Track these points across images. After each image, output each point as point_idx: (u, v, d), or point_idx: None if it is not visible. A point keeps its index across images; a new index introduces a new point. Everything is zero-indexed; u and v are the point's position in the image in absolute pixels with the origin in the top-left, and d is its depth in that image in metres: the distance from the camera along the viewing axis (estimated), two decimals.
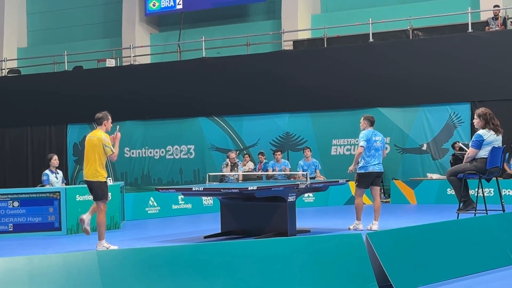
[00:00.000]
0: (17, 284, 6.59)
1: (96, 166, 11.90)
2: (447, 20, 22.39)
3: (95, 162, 11.88)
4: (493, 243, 9.16)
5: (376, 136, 13.58)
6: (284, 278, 7.38)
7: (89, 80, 25.44)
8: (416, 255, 8.16)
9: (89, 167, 11.94)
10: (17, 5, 30.75)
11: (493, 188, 16.91)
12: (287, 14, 25.43)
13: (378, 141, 13.57)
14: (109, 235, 13.15)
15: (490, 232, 9.27)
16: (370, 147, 13.43)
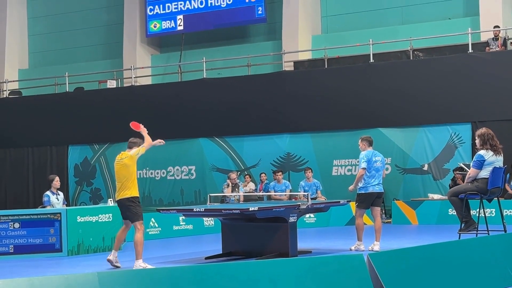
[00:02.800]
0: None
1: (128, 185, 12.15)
2: (448, 40, 22.45)
3: (127, 182, 12.16)
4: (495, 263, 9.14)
5: (376, 156, 13.60)
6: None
7: (90, 101, 25.48)
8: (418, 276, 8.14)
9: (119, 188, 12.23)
10: (18, 26, 30.85)
11: (494, 209, 16.89)
12: (288, 35, 25.50)
13: (378, 161, 13.59)
14: None
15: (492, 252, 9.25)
16: (370, 167, 13.44)
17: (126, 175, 12.19)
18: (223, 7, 26.59)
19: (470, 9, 23.51)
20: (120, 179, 12.24)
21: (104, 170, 25.20)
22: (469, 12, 23.50)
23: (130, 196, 12.07)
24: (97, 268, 12.15)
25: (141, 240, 11.95)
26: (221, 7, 26.61)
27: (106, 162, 25.10)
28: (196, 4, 27.06)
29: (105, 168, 25.15)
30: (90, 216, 14.87)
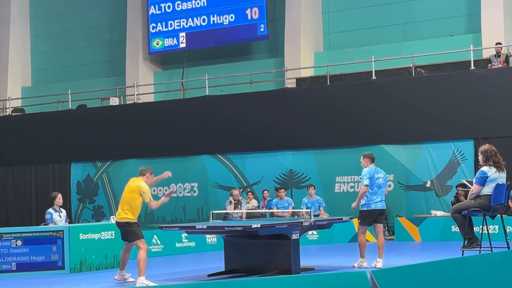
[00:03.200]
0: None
1: (125, 211, 12.42)
2: (450, 57, 22.47)
3: (127, 204, 12.37)
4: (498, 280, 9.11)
5: (378, 173, 13.60)
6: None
7: (92, 119, 25.51)
8: None
9: (121, 209, 12.36)
10: (21, 44, 30.94)
11: (497, 225, 16.83)
12: (290, 52, 25.55)
13: (381, 178, 13.59)
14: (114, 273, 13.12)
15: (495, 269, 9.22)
16: (372, 184, 13.44)
17: (129, 201, 12.40)
18: (225, 24, 26.66)
19: (472, 26, 23.56)
20: (124, 201, 12.46)
21: (106, 187, 25.19)
22: (471, 29, 23.55)
23: (127, 220, 12.26)
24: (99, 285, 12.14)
25: (144, 257, 12.03)
26: (224, 24, 26.69)
27: (109, 179, 25.10)
28: (198, 21, 27.14)
29: (108, 185, 25.14)
30: (93, 233, 14.86)
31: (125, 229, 12.35)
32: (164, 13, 27.73)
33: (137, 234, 12.28)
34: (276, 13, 26.46)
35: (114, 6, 29.52)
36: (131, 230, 12.27)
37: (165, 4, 27.72)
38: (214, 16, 26.86)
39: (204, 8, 27.05)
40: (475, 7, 23.38)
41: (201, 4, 27.10)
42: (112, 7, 29.61)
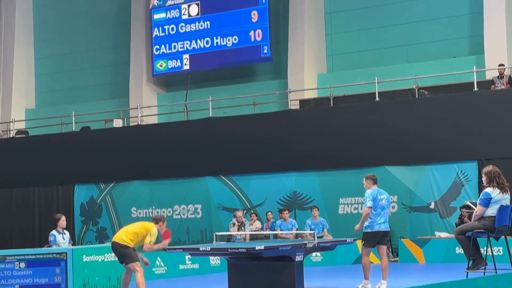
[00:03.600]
0: None
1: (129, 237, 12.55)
2: (453, 79, 22.50)
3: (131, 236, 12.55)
4: None
5: (381, 194, 13.58)
6: None
7: (96, 140, 25.53)
8: None
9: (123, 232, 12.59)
10: (26, 66, 31.04)
11: (502, 247, 16.79)
12: (293, 73, 25.60)
13: (384, 199, 13.57)
14: None
15: None
16: (376, 205, 13.42)
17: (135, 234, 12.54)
18: (228, 46, 26.74)
19: (475, 47, 23.61)
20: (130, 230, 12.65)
21: (110, 209, 25.17)
22: (474, 51, 23.59)
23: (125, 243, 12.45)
24: None
25: (142, 281, 12.19)
26: (227, 46, 26.77)
27: (112, 201, 25.09)
28: (202, 43, 27.22)
29: (111, 207, 25.13)
30: (96, 255, 14.83)
31: (121, 251, 12.52)
32: (167, 35, 27.82)
33: (133, 257, 12.48)
34: (279, 35, 26.54)
35: (118, 28, 29.62)
36: (128, 252, 12.46)
37: (169, 26, 27.82)
38: (218, 38, 26.95)
39: (207, 30, 27.14)
40: (478, 28, 23.43)
41: (204, 26, 27.19)
42: (116, 29, 29.72)
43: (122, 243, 12.51)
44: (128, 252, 12.47)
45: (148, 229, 12.63)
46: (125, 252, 12.48)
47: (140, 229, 12.66)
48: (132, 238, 12.54)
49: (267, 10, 26.05)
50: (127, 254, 12.47)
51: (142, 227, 12.71)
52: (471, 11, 23.92)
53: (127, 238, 12.53)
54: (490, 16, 22.94)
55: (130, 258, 12.46)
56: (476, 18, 23.57)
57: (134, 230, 12.68)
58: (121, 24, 29.36)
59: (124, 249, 12.47)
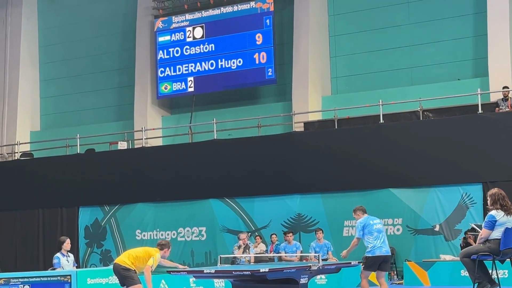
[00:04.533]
0: None
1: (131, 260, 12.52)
2: (457, 101, 22.50)
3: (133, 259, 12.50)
4: None
5: (373, 220, 13.82)
6: None
7: (101, 163, 25.56)
8: None
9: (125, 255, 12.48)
10: (30, 89, 31.14)
11: (507, 270, 16.74)
12: (298, 96, 25.62)
13: (377, 223, 13.76)
14: None
15: None
16: (371, 231, 13.55)
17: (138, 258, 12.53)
18: (233, 68, 26.80)
19: (479, 70, 23.64)
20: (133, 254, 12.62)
21: (114, 232, 25.15)
22: (478, 73, 23.62)
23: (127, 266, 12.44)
24: None
25: None
26: (231, 69, 26.83)
27: (117, 223, 25.08)
28: (206, 66, 27.29)
29: (116, 230, 25.11)
30: (100, 278, 14.83)
31: (122, 273, 12.53)
32: (172, 57, 27.90)
33: (135, 280, 12.49)
34: (284, 57, 26.60)
35: (122, 51, 29.72)
36: (130, 275, 12.48)
37: (173, 49, 27.91)
38: (222, 60, 27.02)
39: (212, 53, 27.22)
40: (482, 51, 23.46)
41: (209, 49, 27.27)
42: (120, 51, 29.82)
43: (123, 266, 12.52)
44: (130, 274, 12.48)
45: (151, 254, 12.61)
46: (127, 275, 12.48)
47: (143, 254, 12.64)
48: (134, 262, 12.53)
49: (271, 32, 26.13)
50: (129, 276, 12.47)
51: (145, 252, 12.69)
52: (476, 34, 23.96)
53: (129, 261, 12.53)
54: (494, 38, 22.98)
55: (131, 281, 12.46)
56: (481, 40, 23.61)
57: (137, 254, 12.67)
58: (126, 46, 29.46)
59: (126, 272, 12.47)
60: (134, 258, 12.56)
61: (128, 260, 12.54)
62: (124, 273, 12.49)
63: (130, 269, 12.49)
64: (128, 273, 12.47)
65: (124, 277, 12.52)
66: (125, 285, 12.63)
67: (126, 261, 12.55)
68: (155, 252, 12.65)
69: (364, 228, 13.59)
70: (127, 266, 12.49)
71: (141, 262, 12.58)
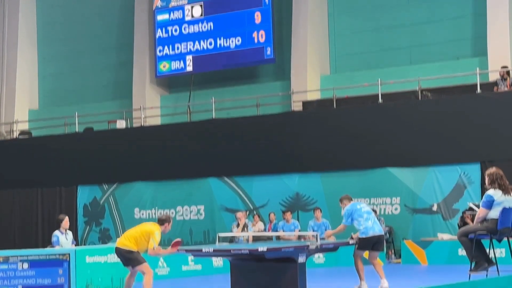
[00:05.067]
0: None
1: (132, 241, 12.48)
2: (456, 81, 22.49)
3: (134, 240, 12.40)
4: None
5: (359, 204, 14.01)
6: None
7: (99, 142, 25.56)
8: None
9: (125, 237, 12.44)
10: (29, 67, 31.07)
11: (504, 249, 16.78)
12: (297, 75, 25.59)
13: (364, 206, 13.95)
14: None
15: None
16: (360, 214, 13.73)
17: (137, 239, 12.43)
18: (232, 48, 26.74)
19: (478, 49, 23.60)
20: (132, 235, 12.55)
21: (113, 210, 25.20)
22: (477, 52, 23.59)
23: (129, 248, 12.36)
24: None
25: (150, 283, 12.11)
26: (230, 48, 26.77)
27: (115, 202, 25.12)
28: (205, 45, 27.22)
29: (114, 208, 25.15)
30: (99, 256, 14.84)
31: (126, 256, 12.43)
32: (171, 36, 27.82)
33: (139, 260, 12.38)
34: (282, 37, 26.54)
35: (121, 29, 29.63)
36: (133, 257, 12.37)
37: (172, 28, 27.83)
38: (221, 39, 26.95)
39: (211, 32, 27.14)
40: (481, 30, 23.41)
41: (208, 28, 27.19)
42: (119, 30, 29.74)
43: (126, 248, 12.44)
44: (134, 256, 12.40)
45: (149, 232, 12.49)
46: (131, 257, 12.40)
47: (142, 233, 12.52)
48: (135, 242, 12.45)
49: (270, 11, 26.04)
50: (133, 258, 12.39)
51: (144, 231, 12.56)
52: (475, 13, 23.91)
53: (131, 243, 12.45)
54: (493, 17, 22.92)
55: (136, 262, 12.39)
56: (480, 19, 23.56)
57: (137, 234, 12.55)
58: (125, 25, 29.37)
59: (129, 254, 12.40)
60: (135, 239, 12.48)
61: (129, 242, 12.45)
62: (127, 255, 12.42)
63: (133, 251, 12.42)
64: (131, 255, 12.40)
65: (129, 259, 12.46)
66: (130, 266, 12.56)
67: (127, 243, 12.45)
68: (154, 229, 12.55)
69: (353, 214, 13.72)
70: (130, 248, 12.41)
71: (142, 243, 12.48)
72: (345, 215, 13.84)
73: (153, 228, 12.56)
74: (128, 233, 12.71)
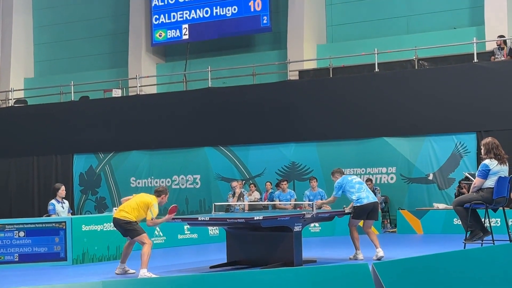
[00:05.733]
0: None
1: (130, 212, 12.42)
2: (453, 50, 22.43)
3: (133, 211, 12.30)
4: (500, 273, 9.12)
5: (351, 176, 14.17)
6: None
7: (95, 110, 25.52)
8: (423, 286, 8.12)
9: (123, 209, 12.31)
10: (24, 35, 30.93)
11: (499, 218, 16.86)
12: (293, 44, 25.51)
13: (355, 178, 14.02)
14: (116, 265, 13.14)
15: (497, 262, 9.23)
16: (352, 186, 13.83)
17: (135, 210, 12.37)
18: (228, 16, 26.63)
19: (475, 18, 23.52)
20: (130, 205, 12.47)
21: (109, 179, 25.22)
22: (474, 22, 23.51)
23: (127, 219, 12.31)
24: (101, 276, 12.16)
25: (148, 252, 12.14)
26: (226, 16, 26.66)
27: (111, 170, 25.13)
28: (201, 13, 27.10)
29: (110, 177, 25.17)
30: (95, 225, 14.88)
31: (124, 227, 12.40)
32: (167, 4, 27.69)
33: (138, 230, 12.36)
34: (279, 5, 26.43)
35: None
36: (132, 228, 12.35)
37: None
38: (217, 8, 26.82)
39: (207, 0, 27.00)
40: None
41: None
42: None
43: (124, 219, 12.41)
44: (132, 227, 12.37)
45: (148, 204, 12.48)
46: (129, 227, 12.37)
47: (140, 204, 12.50)
48: (133, 213, 12.43)
49: None
50: (131, 229, 12.37)
51: (142, 202, 12.54)
52: None
53: (129, 214, 12.41)
54: None
55: (135, 232, 12.37)
56: None
57: (135, 206, 12.52)
58: None
59: (128, 225, 12.37)
60: (132, 209, 12.44)
61: (127, 213, 12.40)
62: (126, 226, 12.40)
63: (131, 221, 12.39)
64: (130, 225, 12.37)
65: (127, 230, 12.44)
66: (128, 236, 12.55)
67: (125, 214, 12.40)
68: (152, 201, 12.53)
69: (344, 186, 13.77)
70: (128, 219, 12.38)
71: (140, 213, 12.46)
72: (336, 187, 13.88)
73: (152, 200, 12.54)
74: (126, 204, 12.66)
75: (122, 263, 12.73)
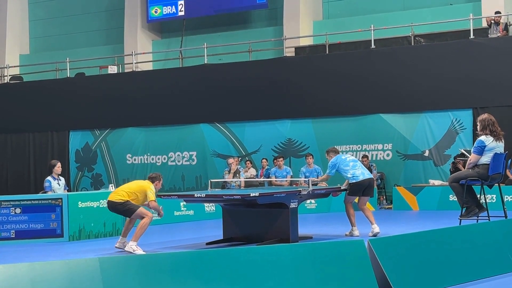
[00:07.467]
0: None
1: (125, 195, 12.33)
2: (449, 26, 22.40)
3: (128, 195, 12.29)
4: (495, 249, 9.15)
5: (345, 155, 14.24)
6: (285, 284, 7.38)
7: (91, 87, 25.48)
8: (419, 262, 8.15)
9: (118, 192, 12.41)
10: (19, 12, 30.80)
11: (495, 195, 16.91)
12: (289, 20, 25.45)
13: (349, 156, 14.11)
14: (112, 241, 13.16)
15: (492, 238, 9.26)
16: (346, 164, 13.81)
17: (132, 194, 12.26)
18: None
19: None
20: (128, 189, 12.39)
21: (105, 156, 25.22)
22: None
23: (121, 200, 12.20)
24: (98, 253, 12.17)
25: (145, 224, 12.05)
26: None
27: (107, 147, 25.12)
28: None
29: (106, 154, 25.17)
30: (91, 201, 14.88)
31: (119, 208, 12.25)
32: None
33: (133, 208, 12.17)
34: None
35: None
36: (127, 207, 12.16)
37: None
38: None
39: None
40: None
41: None
42: None
43: (118, 201, 12.26)
44: (127, 206, 12.19)
45: (145, 187, 12.39)
46: (125, 208, 12.22)
47: (137, 189, 12.40)
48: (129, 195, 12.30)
49: None
50: (127, 209, 12.22)
51: (138, 186, 12.43)
52: None
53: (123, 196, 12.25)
54: None
55: (131, 211, 12.19)
56: None
57: (130, 189, 12.44)
58: None
59: (122, 206, 12.22)
60: (127, 192, 12.34)
61: (121, 196, 12.27)
62: (120, 207, 12.25)
63: (125, 201, 12.25)
64: (125, 206, 12.21)
65: (123, 211, 12.33)
66: (127, 216, 12.46)
67: (119, 197, 12.27)
68: (148, 184, 12.46)
69: (339, 165, 13.76)
70: (121, 200, 12.25)
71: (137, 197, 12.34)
72: (329, 166, 13.88)
73: (148, 183, 12.47)
74: (120, 188, 12.56)
75: (123, 237, 12.67)
